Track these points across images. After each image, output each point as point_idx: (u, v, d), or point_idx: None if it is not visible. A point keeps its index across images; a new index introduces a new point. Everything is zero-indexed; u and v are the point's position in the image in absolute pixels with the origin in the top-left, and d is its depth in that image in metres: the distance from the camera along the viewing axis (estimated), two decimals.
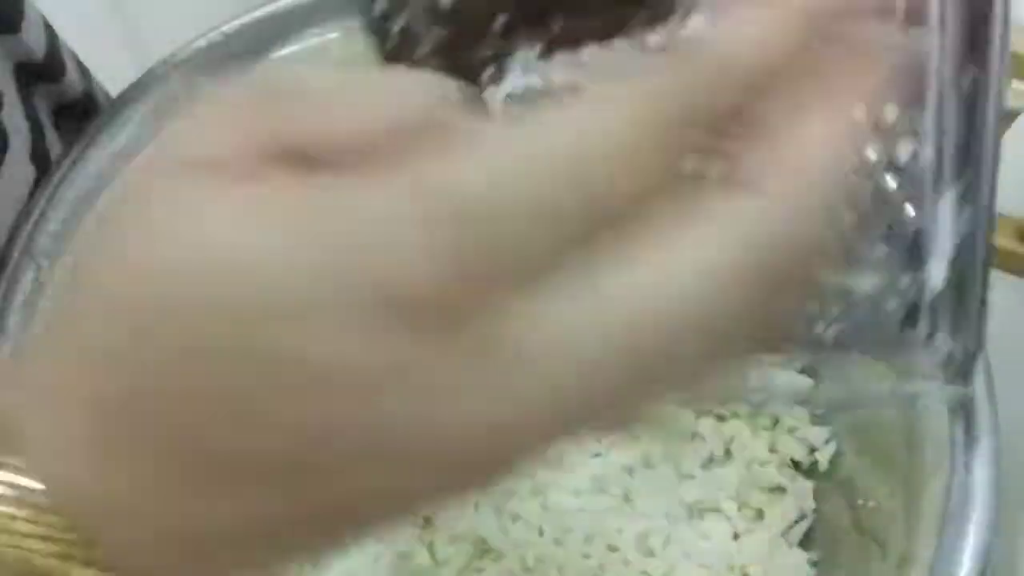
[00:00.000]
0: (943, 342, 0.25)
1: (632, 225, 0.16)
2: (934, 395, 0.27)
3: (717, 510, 0.43)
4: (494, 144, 0.16)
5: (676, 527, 0.41)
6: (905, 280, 0.23)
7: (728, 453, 0.44)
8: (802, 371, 0.46)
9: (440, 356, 0.15)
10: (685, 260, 0.16)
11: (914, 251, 0.23)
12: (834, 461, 0.44)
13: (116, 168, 0.42)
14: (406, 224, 0.15)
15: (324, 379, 0.15)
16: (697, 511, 0.43)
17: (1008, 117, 0.45)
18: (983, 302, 0.25)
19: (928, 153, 0.23)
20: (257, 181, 0.16)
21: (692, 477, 0.43)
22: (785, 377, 0.45)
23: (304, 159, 0.16)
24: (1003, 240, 0.53)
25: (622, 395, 0.16)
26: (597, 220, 0.16)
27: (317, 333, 0.15)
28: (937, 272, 0.24)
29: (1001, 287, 0.51)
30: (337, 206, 0.15)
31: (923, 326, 0.24)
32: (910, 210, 0.23)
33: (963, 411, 0.37)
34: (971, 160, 0.23)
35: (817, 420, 0.45)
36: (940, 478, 0.37)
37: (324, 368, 0.15)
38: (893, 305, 0.24)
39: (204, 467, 0.16)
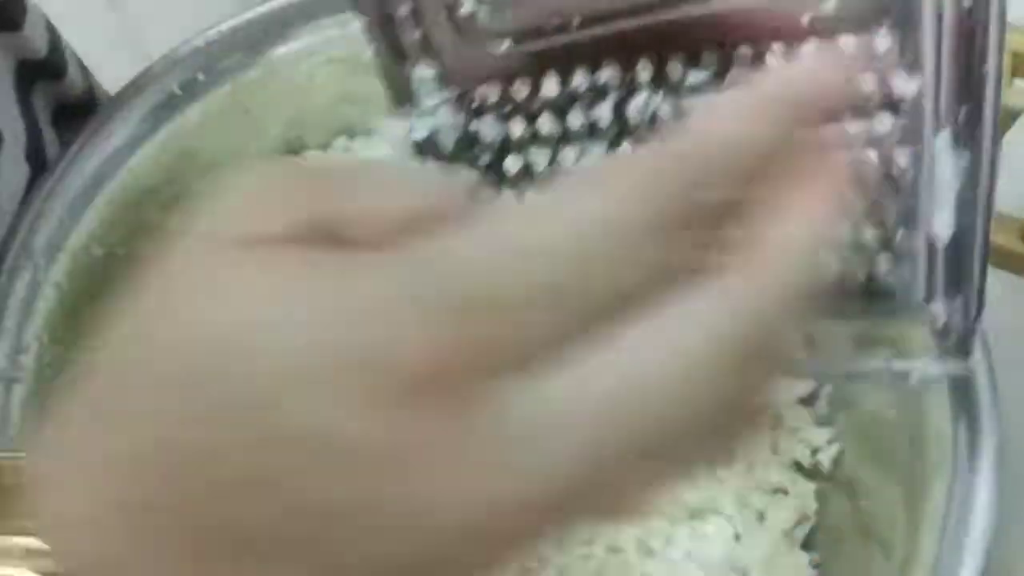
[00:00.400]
0: (941, 307, 0.24)
1: (624, 308, 0.17)
2: (930, 370, 0.26)
3: (718, 512, 0.42)
4: (498, 228, 0.17)
5: (677, 528, 0.41)
6: (901, 235, 0.23)
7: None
8: None
9: (440, 433, 0.16)
10: (669, 342, 0.17)
11: (911, 203, 0.23)
12: (837, 462, 0.44)
13: (114, 167, 0.42)
14: (408, 304, 0.16)
15: (324, 455, 0.16)
16: (698, 512, 0.42)
17: (1008, 117, 0.46)
18: (984, 261, 0.24)
19: (927, 82, 0.22)
20: (283, 259, 0.17)
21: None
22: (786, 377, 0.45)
23: (334, 239, 0.17)
24: (1003, 240, 0.53)
25: (620, 473, 0.17)
26: (593, 306, 0.17)
27: (319, 409, 0.16)
28: (941, 224, 0.23)
29: (1001, 287, 0.52)
30: (348, 285, 0.16)
31: (919, 287, 0.23)
32: (904, 157, 0.23)
33: (966, 410, 0.37)
34: (971, 92, 0.22)
35: (820, 421, 0.45)
36: (943, 479, 0.36)
37: (323, 444, 0.16)
38: (887, 266, 0.23)
39: (215, 543, 0.17)
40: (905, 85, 0.22)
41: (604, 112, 0.24)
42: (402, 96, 0.26)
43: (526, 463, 0.16)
